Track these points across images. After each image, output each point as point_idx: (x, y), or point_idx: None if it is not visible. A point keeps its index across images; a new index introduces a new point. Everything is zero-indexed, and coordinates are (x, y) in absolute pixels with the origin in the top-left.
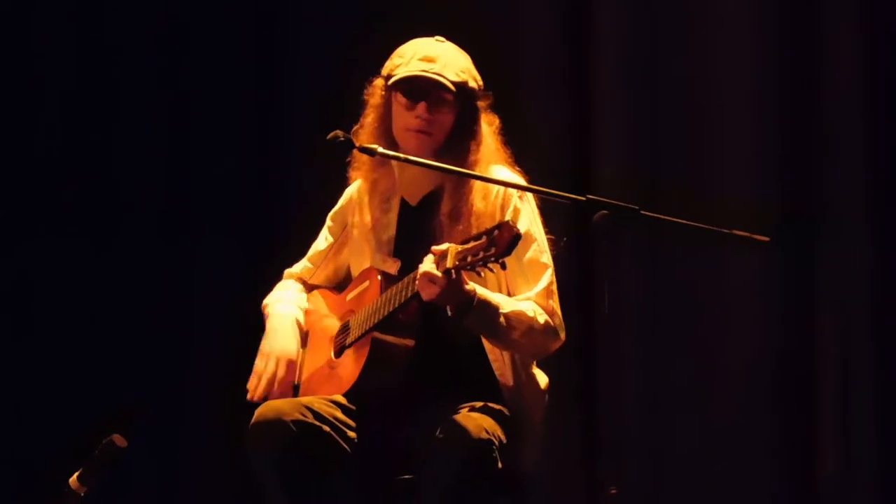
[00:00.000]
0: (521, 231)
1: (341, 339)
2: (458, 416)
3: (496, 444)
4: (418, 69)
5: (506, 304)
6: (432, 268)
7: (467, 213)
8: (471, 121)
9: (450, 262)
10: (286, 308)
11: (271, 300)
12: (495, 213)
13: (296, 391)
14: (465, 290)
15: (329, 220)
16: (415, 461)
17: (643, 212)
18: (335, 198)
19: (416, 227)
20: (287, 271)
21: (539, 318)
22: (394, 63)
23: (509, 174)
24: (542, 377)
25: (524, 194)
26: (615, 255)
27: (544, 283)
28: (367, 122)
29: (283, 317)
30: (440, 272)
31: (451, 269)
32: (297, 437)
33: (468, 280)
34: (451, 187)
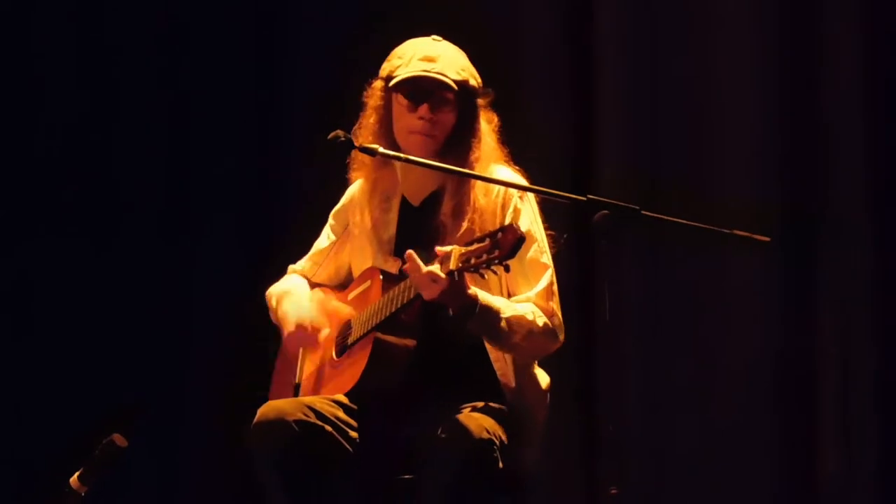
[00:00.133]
0: (523, 231)
1: (343, 338)
2: (460, 416)
3: (497, 444)
4: (420, 69)
5: (507, 309)
6: (436, 268)
7: (469, 209)
8: (471, 119)
9: (453, 263)
10: (294, 286)
11: (274, 291)
12: (496, 211)
13: (297, 390)
14: (467, 294)
15: (331, 219)
16: (415, 461)
17: (644, 212)
18: (335, 198)
19: (418, 227)
20: (291, 267)
21: (539, 321)
22: (393, 64)
23: (510, 173)
24: (544, 377)
25: (525, 193)
26: (616, 255)
27: (544, 283)
28: (368, 123)
29: (295, 295)
30: (444, 273)
31: (455, 270)
32: (300, 436)
33: (470, 285)
34: (453, 186)
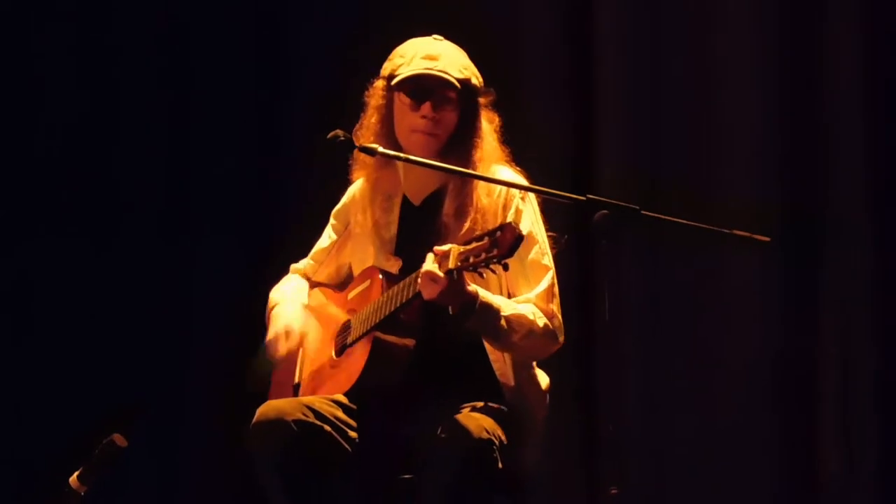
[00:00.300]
0: (524, 232)
1: (342, 337)
2: (459, 416)
3: (496, 444)
4: (422, 67)
5: (507, 308)
6: (434, 267)
7: (472, 210)
8: (473, 119)
9: (452, 262)
10: (288, 295)
11: (277, 298)
12: (498, 211)
13: (296, 390)
14: (467, 292)
15: (332, 219)
16: (415, 461)
17: (643, 211)
18: (335, 198)
19: (419, 227)
20: (293, 266)
21: (539, 322)
22: (395, 63)
23: (511, 174)
24: (544, 377)
25: (526, 194)
26: (615, 255)
27: (545, 284)
28: (369, 123)
29: (284, 305)
30: (442, 272)
31: (454, 269)
32: (299, 436)
33: (470, 282)
34: (455, 186)
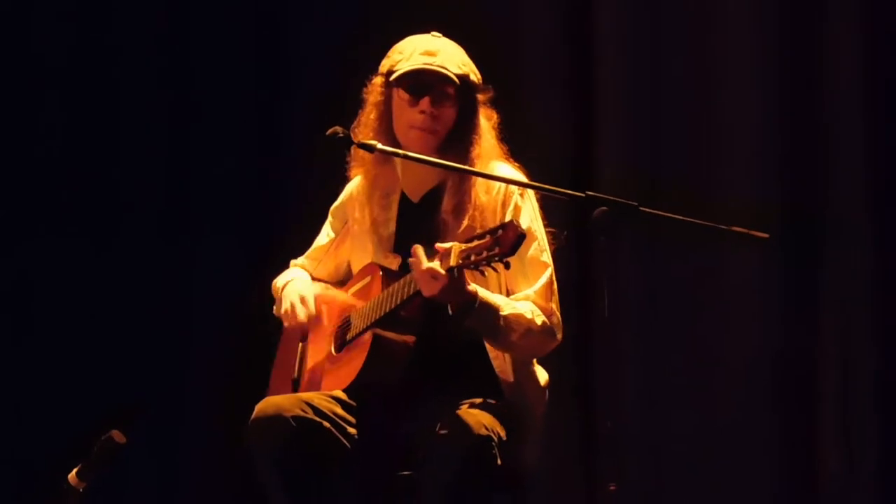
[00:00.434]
0: (524, 230)
1: (342, 334)
2: (458, 413)
3: (496, 440)
4: (421, 63)
5: (505, 306)
6: (436, 264)
7: (471, 207)
8: (472, 116)
9: (453, 260)
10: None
11: (281, 278)
12: (497, 208)
13: (295, 386)
14: (467, 290)
15: (330, 216)
16: (414, 457)
17: (642, 208)
18: (335, 197)
19: (418, 224)
20: (293, 262)
21: (537, 320)
22: (393, 59)
23: (510, 170)
24: (543, 374)
25: (525, 191)
26: (614, 252)
27: (543, 281)
28: (368, 120)
29: (302, 280)
30: (443, 269)
31: (455, 267)
32: (297, 433)
33: (470, 281)
34: (454, 183)
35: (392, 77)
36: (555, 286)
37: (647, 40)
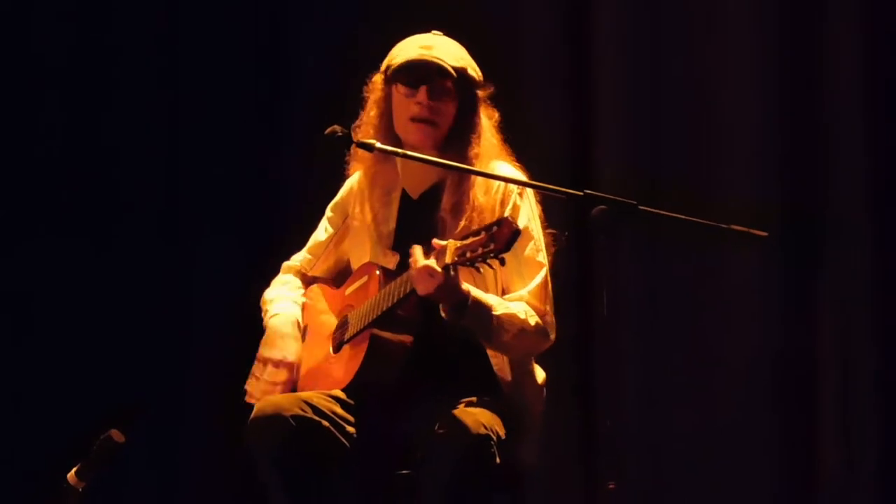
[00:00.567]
0: (520, 227)
1: (340, 334)
2: (457, 412)
3: (494, 439)
4: (417, 54)
5: (499, 306)
6: (432, 262)
7: (469, 208)
8: (471, 112)
9: (449, 257)
10: (285, 307)
11: (270, 297)
12: (495, 208)
13: (294, 386)
14: (460, 290)
15: (329, 211)
16: (413, 457)
17: (641, 207)
18: (335, 196)
19: (417, 221)
20: (286, 264)
21: (530, 320)
22: (392, 55)
23: (511, 170)
24: (540, 372)
25: (524, 190)
26: (614, 251)
27: (538, 281)
28: (369, 117)
29: (283, 319)
30: (439, 266)
31: (450, 264)
32: (297, 431)
33: (463, 281)
34: (453, 182)
35: (389, 71)
36: (550, 286)
37: (647, 40)
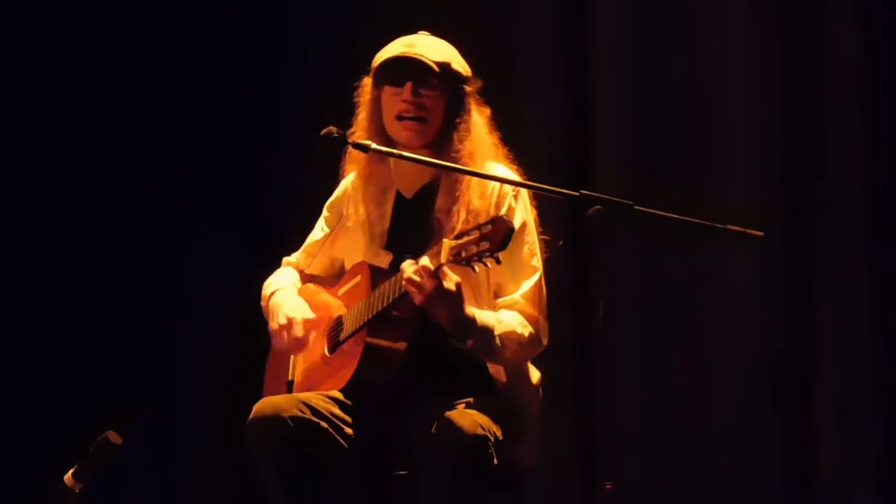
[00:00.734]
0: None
1: (335, 334)
2: (453, 413)
3: (492, 440)
4: (399, 52)
5: (498, 326)
6: (426, 261)
7: (463, 210)
8: (460, 108)
9: (444, 257)
10: (285, 286)
11: (269, 283)
12: (490, 210)
13: (290, 387)
14: (465, 315)
15: (325, 211)
16: (411, 457)
17: (637, 206)
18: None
19: (411, 221)
20: (285, 259)
21: (525, 332)
22: (377, 56)
23: (506, 171)
24: (535, 372)
25: (519, 193)
26: (610, 250)
27: (530, 285)
28: (359, 120)
29: (287, 290)
30: (433, 267)
31: (444, 264)
32: (295, 432)
33: (468, 305)
34: (447, 181)
35: (374, 71)
36: (543, 290)
37: (646, 39)
